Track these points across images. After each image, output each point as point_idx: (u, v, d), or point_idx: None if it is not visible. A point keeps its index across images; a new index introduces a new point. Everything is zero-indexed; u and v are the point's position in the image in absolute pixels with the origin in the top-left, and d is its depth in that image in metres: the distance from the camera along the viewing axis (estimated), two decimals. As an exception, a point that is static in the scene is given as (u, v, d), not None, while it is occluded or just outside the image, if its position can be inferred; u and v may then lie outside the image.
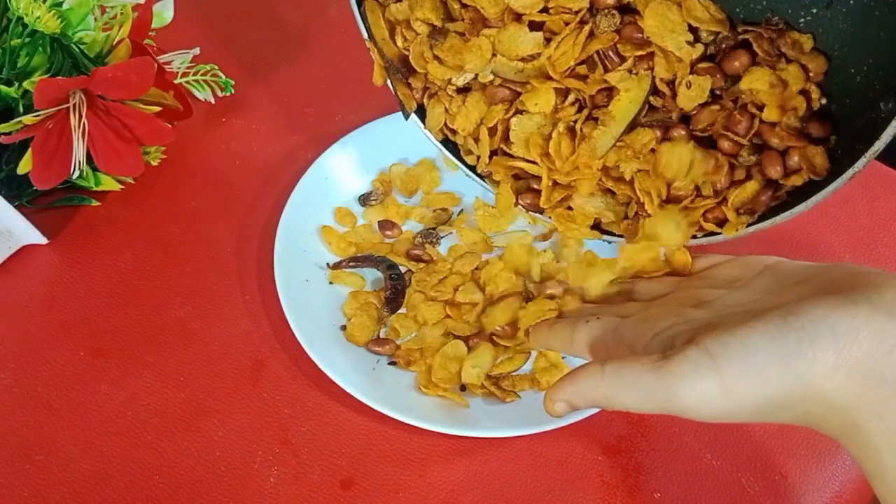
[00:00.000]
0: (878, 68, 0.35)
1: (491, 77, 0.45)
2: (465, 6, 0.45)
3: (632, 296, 0.41)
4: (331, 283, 0.53)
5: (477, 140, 0.48)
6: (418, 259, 0.54)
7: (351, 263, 0.54)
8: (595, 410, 0.45)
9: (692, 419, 0.30)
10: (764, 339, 0.29)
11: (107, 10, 0.57)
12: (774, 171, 0.39)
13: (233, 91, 0.62)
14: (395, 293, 0.52)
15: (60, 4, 0.50)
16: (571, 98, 0.44)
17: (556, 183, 0.45)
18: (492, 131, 0.47)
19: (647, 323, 0.35)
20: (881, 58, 0.35)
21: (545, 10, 0.43)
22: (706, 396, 0.29)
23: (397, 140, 0.59)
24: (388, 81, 0.49)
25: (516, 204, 0.48)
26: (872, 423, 0.28)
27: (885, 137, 0.33)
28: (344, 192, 0.58)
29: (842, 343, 0.28)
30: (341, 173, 0.59)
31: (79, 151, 0.51)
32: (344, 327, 0.51)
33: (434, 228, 0.56)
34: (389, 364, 0.50)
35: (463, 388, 0.49)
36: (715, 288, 0.36)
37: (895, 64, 0.34)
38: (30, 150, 0.50)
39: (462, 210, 0.58)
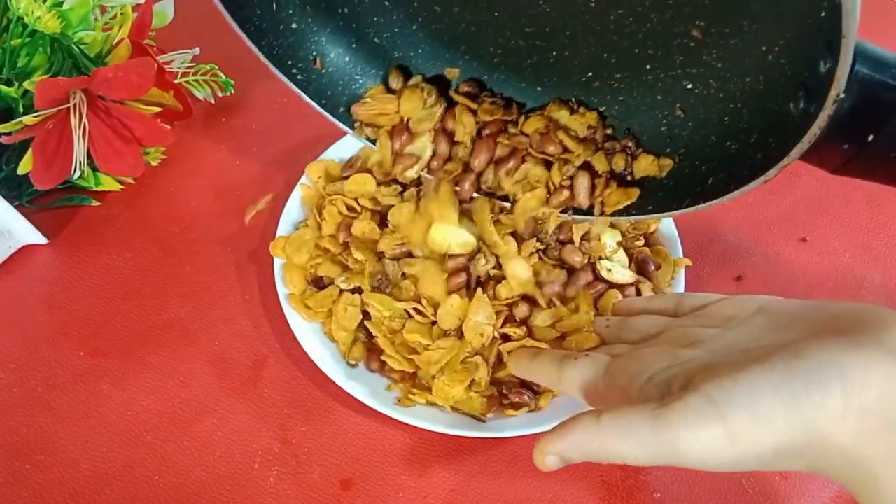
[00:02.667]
0: (787, 53, 0.33)
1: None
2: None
3: (621, 336, 0.40)
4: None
5: None
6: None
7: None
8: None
9: (696, 469, 0.29)
10: (769, 385, 0.27)
11: (107, 10, 0.57)
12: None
13: (233, 91, 0.62)
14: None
15: (60, 4, 0.50)
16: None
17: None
18: None
19: (640, 363, 0.33)
20: (789, 45, 0.33)
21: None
22: (710, 446, 0.28)
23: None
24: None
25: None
26: (886, 472, 0.27)
27: (794, 155, 0.31)
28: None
29: (851, 388, 0.26)
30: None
31: (79, 151, 0.51)
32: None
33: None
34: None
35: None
36: (709, 327, 0.35)
37: (803, 55, 0.31)
38: (30, 150, 0.50)
39: None
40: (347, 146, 0.58)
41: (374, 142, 0.47)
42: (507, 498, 0.45)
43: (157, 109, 0.53)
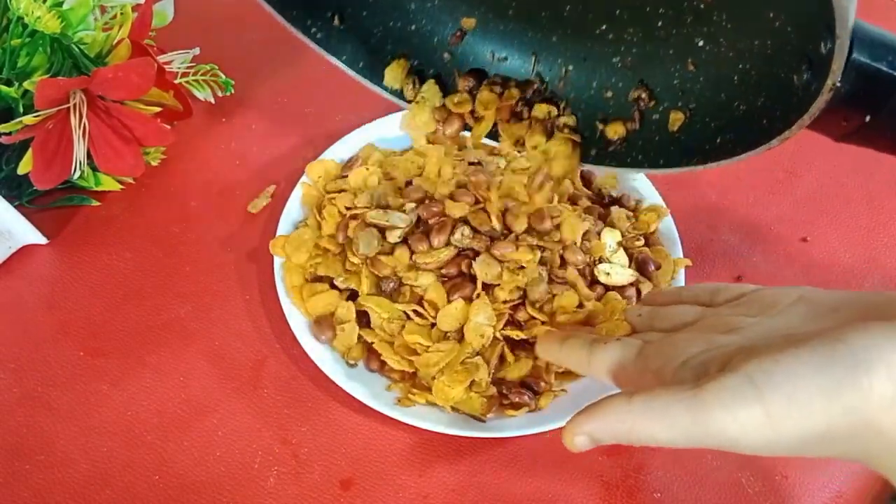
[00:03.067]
0: (793, 22, 0.33)
1: None
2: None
3: (653, 325, 0.39)
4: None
5: None
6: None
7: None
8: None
9: (731, 452, 0.28)
10: (811, 368, 0.27)
11: (107, 10, 0.57)
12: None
13: (233, 91, 0.62)
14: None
15: (61, 4, 0.50)
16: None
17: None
18: None
19: (675, 347, 0.33)
20: (795, 15, 0.33)
21: None
22: (748, 426, 0.27)
23: (397, 139, 0.59)
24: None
25: None
26: None
27: (795, 129, 0.32)
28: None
29: None
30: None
31: (79, 151, 0.51)
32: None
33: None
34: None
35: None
36: (748, 316, 0.34)
37: (808, 26, 0.31)
38: (30, 150, 0.50)
39: None
40: (347, 146, 0.59)
41: (402, 95, 0.47)
42: (507, 498, 0.45)
43: (157, 109, 0.53)
